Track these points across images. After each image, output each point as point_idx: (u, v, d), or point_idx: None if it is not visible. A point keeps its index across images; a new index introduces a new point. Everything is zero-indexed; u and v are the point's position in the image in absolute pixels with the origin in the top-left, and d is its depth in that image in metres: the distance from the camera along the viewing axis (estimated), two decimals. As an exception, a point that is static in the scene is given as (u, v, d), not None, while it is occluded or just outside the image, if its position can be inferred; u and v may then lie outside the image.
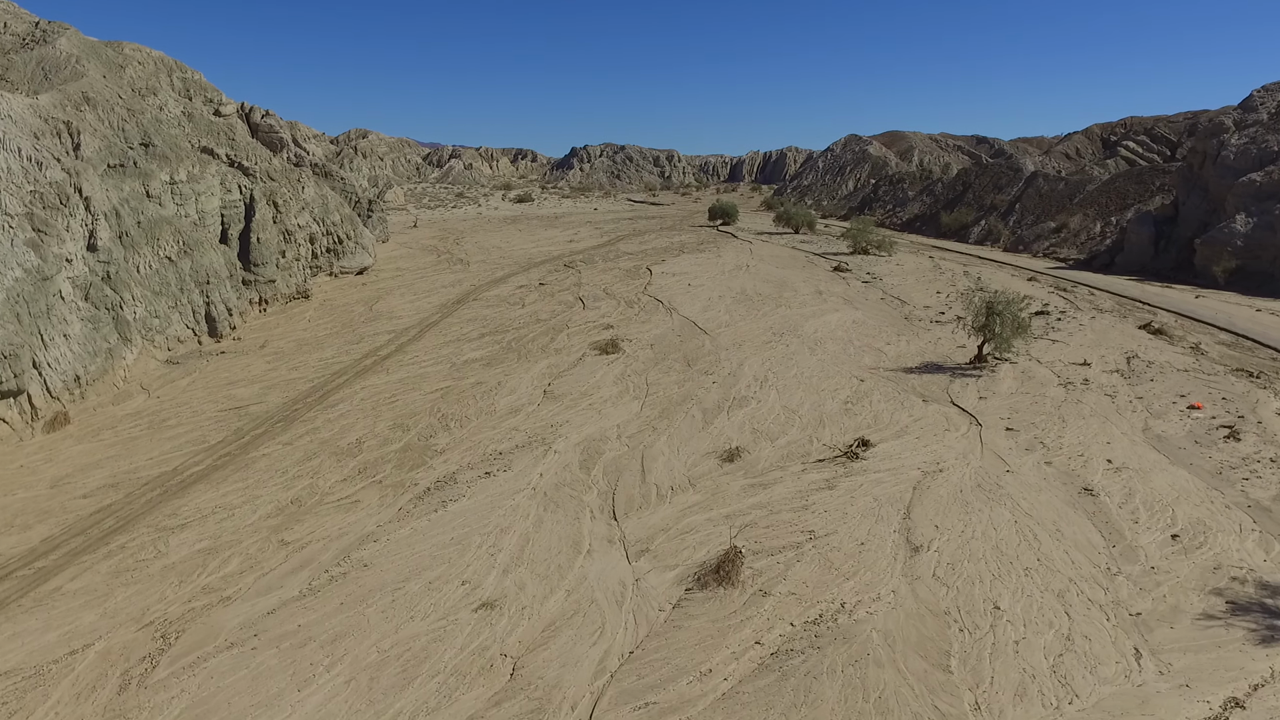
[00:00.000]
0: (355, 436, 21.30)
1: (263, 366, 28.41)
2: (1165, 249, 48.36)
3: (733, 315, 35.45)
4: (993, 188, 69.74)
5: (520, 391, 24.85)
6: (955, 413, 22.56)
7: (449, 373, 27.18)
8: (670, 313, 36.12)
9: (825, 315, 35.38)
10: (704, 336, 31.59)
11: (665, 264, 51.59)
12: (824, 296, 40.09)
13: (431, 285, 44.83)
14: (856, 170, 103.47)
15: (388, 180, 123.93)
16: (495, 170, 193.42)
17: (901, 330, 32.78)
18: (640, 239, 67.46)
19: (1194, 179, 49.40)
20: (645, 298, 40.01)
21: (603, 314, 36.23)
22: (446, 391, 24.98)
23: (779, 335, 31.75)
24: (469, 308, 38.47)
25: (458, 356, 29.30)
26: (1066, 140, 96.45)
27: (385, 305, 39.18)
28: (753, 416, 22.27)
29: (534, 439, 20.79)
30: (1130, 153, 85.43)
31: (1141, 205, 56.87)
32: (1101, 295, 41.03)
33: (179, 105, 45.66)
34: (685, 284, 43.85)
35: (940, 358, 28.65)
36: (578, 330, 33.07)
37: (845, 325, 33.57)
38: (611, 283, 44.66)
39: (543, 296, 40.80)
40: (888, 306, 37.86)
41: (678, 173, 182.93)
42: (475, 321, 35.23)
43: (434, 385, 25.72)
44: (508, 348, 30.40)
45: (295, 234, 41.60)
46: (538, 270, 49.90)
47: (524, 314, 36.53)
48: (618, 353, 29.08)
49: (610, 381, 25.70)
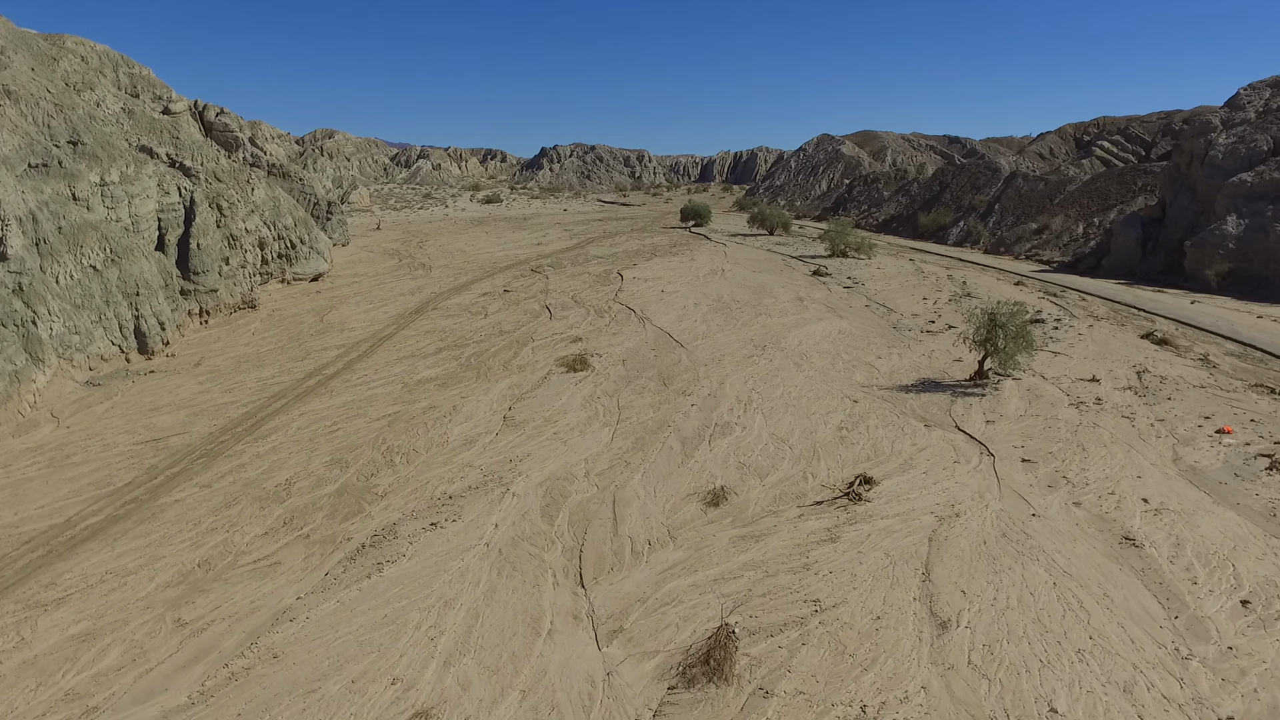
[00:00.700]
0: (286, 476, 18.39)
1: (193, 388, 25.36)
2: (1153, 251, 46.34)
3: (710, 325, 32.81)
4: (970, 188, 67.68)
5: (478, 417, 22.03)
6: (962, 439, 20.05)
7: (400, 395, 24.29)
8: (643, 323, 33.42)
9: (809, 325, 32.83)
10: (680, 350, 28.93)
11: (637, 268, 48.88)
12: (805, 304, 37.56)
13: (390, 293, 41.82)
14: (830, 170, 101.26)
15: (353, 181, 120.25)
16: (464, 171, 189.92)
17: (891, 342, 30.29)
18: (611, 241, 64.71)
19: (1181, 179, 47.43)
20: (616, 306, 37.28)
21: (571, 325, 33.46)
22: (395, 418, 22.11)
23: (761, 348, 29.15)
24: (428, 318, 35.54)
25: (411, 375, 26.42)
26: (1039, 140, 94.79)
27: (338, 315, 36.15)
28: (738, 447, 19.62)
29: (490, 477, 18.00)
30: (1105, 153, 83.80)
31: (1124, 206, 54.94)
32: (1094, 300, 38.83)
33: (119, 101, 42.29)
34: (659, 290, 41.16)
35: (937, 373, 26.18)
36: (544, 343, 30.28)
37: (831, 336, 31.04)
38: (581, 289, 41.88)
39: (507, 305, 37.95)
40: (874, 315, 35.38)
41: (648, 173, 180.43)
42: (433, 334, 32.32)
43: (382, 410, 22.84)
44: (466, 364, 27.55)
45: (242, 239, 38.44)
46: (503, 276, 47.00)
47: (486, 325, 33.67)
48: (587, 370, 26.33)
49: (578, 404, 22.95)
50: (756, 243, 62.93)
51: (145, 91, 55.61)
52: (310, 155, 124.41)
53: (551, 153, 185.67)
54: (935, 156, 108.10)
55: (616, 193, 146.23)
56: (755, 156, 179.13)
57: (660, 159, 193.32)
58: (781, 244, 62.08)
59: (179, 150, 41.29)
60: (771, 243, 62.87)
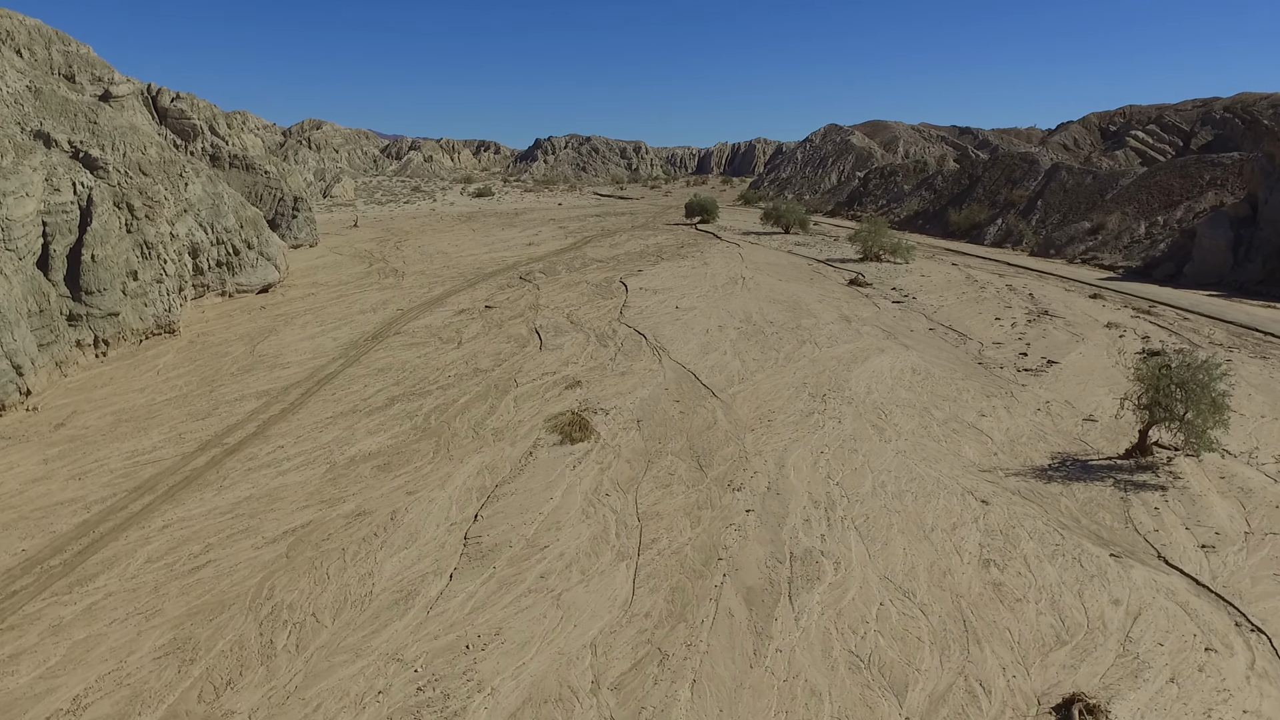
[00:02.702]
0: (75, 691, 10.43)
1: (29, 472, 17.36)
2: (1248, 257, 38.49)
3: (745, 360, 24.92)
4: (1005, 182, 59.72)
5: (425, 536, 14.11)
6: (1186, 589, 12.25)
7: (320, 487, 16.36)
8: (658, 355, 25.51)
9: (871, 359, 24.96)
10: (712, 401, 21.03)
11: (642, 275, 40.91)
12: (853, 325, 29.68)
13: (347, 309, 33.78)
14: (840, 162, 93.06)
15: (337, 174, 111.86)
16: (457, 163, 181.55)
17: (987, 387, 22.44)
18: (610, 240, 56.68)
19: (1277, 173, 39.56)
20: (622, 328, 29.33)
21: (566, 358, 25.52)
22: (301, 537, 14.19)
23: (819, 398, 21.28)
24: (387, 347, 27.55)
25: (344, 447, 18.47)
26: (1062, 130, 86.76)
27: (276, 343, 28.13)
28: (837, 611, 11.74)
29: (427, 698, 10.12)
30: (1140, 144, 75.82)
31: (1192, 203, 47.09)
32: (1199, 320, 31.01)
33: (22, 79, 34.09)
34: (671, 305, 33.22)
35: (1071, 441, 18.37)
36: (530, 390, 22.33)
37: (905, 377, 23.19)
38: (577, 304, 33.91)
39: (487, 328, 29.95)
40: (945, 343, 27.51)
41: (645, 165, 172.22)
42: (388, 373, 24.34)
43: (286, 519, 14.90)
44: (424, 428, 19.60)
45: (162, 247, 30.31)
46: (486, 286, 38.98)
47: (458, 359, 25.69)
48: (588, 438, 18.41)
49: (578, 509, 15.04)
50: (773, 243, 54.94)
51: (83, 72, 47.26)
52: (292, 147, 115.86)
53: (546, 144, 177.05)
54: (947, 148, 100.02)
55: (613, 185, 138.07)
56: (754, 148, 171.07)
57: (657, 150, 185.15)
58: (801, 244, 54.09)
59: (99, 137, 33.21)
60: (790, 243, 54.88)
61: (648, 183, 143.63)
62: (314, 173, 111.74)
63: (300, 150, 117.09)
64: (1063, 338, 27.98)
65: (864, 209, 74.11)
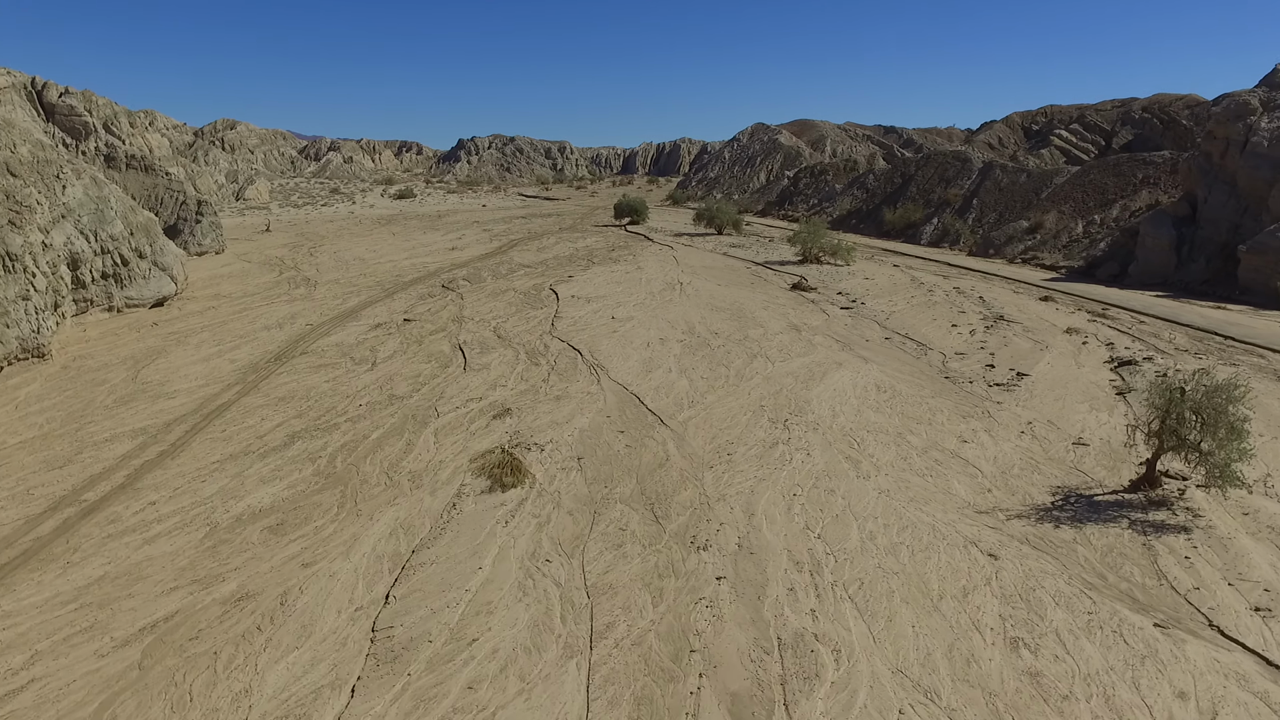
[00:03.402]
0: None
1: None
2: (1190, 257, 37.49)
3: (692, 378, 22.35)
4: (939, 180, 58.52)
5: (321, 632, 11.14)
6: (1255, 669, 10.04)
7: (195, 560, 13.20)
8: (596, 375, 22.77)
9: (829, 374, 22.63)
10: (662, 431, 18.39)
11: (574, 281, 38.11)
12: (804, 334, 27.40)
13: (250, 325, 30.22)
14: (768, 161, 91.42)
15: (250, 176, 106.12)
16: (378, 164, 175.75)
17: (959, 404, 20.28)
18: (538, 244, 53.67)
19: (1215, 171, 38.69)
20: (555, 343, 26.52)
21: (494, 380, 22.59)
22: (160, 640, 11.07)
23: (781, 422, 18.82)
24: (291, 370, 24.23)
25: (230, 502, 15.28)
26: (987, 130, 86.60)
27: (164, 367, 24.56)
28: (849, 723, 9.24)
29: None
30: (1064, 143, 75.79)
31: (1128, 202, 46.30)
32: (1156, 324, 29.60)
33: None
34: (607, 315, 30.51)
35: (1066, 470, 16.25)
36: (453, 421, 19.37)
37: (869, 394, 20.90)
38: (505, 315, 30.95)
39: (406, 345, 26.80)
40: (905, 354, 25.38)
41: (570, 165, 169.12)
42: (290, 403, 21.08)
43: (142, 613, 11.74)
44: (328, 473, 16.51)
45: (31, 258, 26.40)
46: (406, 295, 35.69)
47: (371, 383, 22.54)
48: (521, 482, 15.58)
49: (513, 583, 12.21)
50: (707, 244, 52.62)
51: (-50, 64, 42.67)
52: (202, 148, 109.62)
53: (469, 144, 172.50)
54: (873, 146, 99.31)
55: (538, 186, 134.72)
56: (679, 148, 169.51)
57: (582, 151, 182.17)
58: (736, 246, 51.88)
59: (-46, 135, 29.04)
60: (724, 244, 52.63)
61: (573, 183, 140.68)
62: (225, 174, 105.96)
63: (211, 151, 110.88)
64: (1025, 346, 26.12)
65: (795, 208, 72.48)
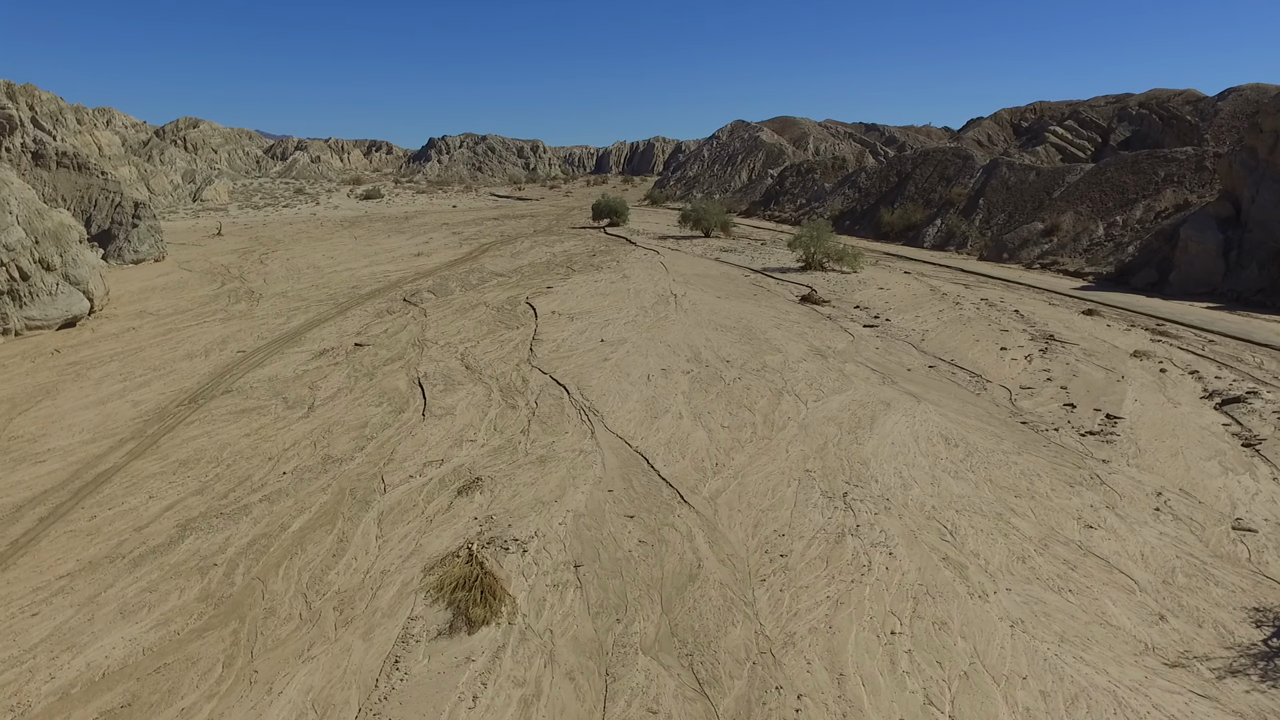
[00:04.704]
0: None
1: None
2: (1239, 263, 33.13)
3: (709, 426, 17.41)
4: (939, 179, 54.04)
5: None
6: None
7: (-35, 782, 8.14)
8: (589, 421, 17.78)
9: (879, 419, 17.76)
10: (684, 513, 13.44)
11: (553, 294, 33.06)
12: (831, 361, 22.57)
13: (171, 352, 24.89)
14: (750, 159, 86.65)
15: (208, 176, 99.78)
16: (346, 163, 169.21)
17: (1055, 463, 15.47)
18: (511, 248, 48.49)
19: (1263, 168, 34.36)
20: (535, 375, 21.49)
21: (459, 431, 17.50)
22: None
23: (838, 496, 13.93)
24: (205, 418, 18.98)
25: (62, 659, 10.10)
26: (976, 126, 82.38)
27: (44, 414, 19.21)
28: None
29: None
30: (1060, 139, 71.76)
31: (1152, 202, 41.98)
32: (1225, 342, 25.09)
33: None
34: (595, 337, 25.53)
35: (1249, 576, 11.42)
36: (404, 499, 14.27)
37: (936, 449, 16.06)
38: (474, 337, 25.87)
39: (353, 379, 21.63)
40: (958, 387, 20.59)
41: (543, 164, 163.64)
42: (191, 469, 15.86)
43: None
44: (219, 598, 11.35)
45: (-117, 275, 20.94)
46: (361, 311, 30.45)
47: (303, 437, 17.37)
48: (495, 616, 10.55)
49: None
50: (695, 248, 47.73)
51: None
52: (157, 146, 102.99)
53: (440, 144, 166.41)
54: (855, 144, 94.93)
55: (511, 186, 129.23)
56: (653, 147, 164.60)
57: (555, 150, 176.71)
58: (728, 250, 47.02)
59: None
60: (714, 248, 47.75)
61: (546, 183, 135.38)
62: (182, 175, 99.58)
63: (167, 150, 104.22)
64: (1097, 376, 21.44)
65: (782, 208, 67.84)
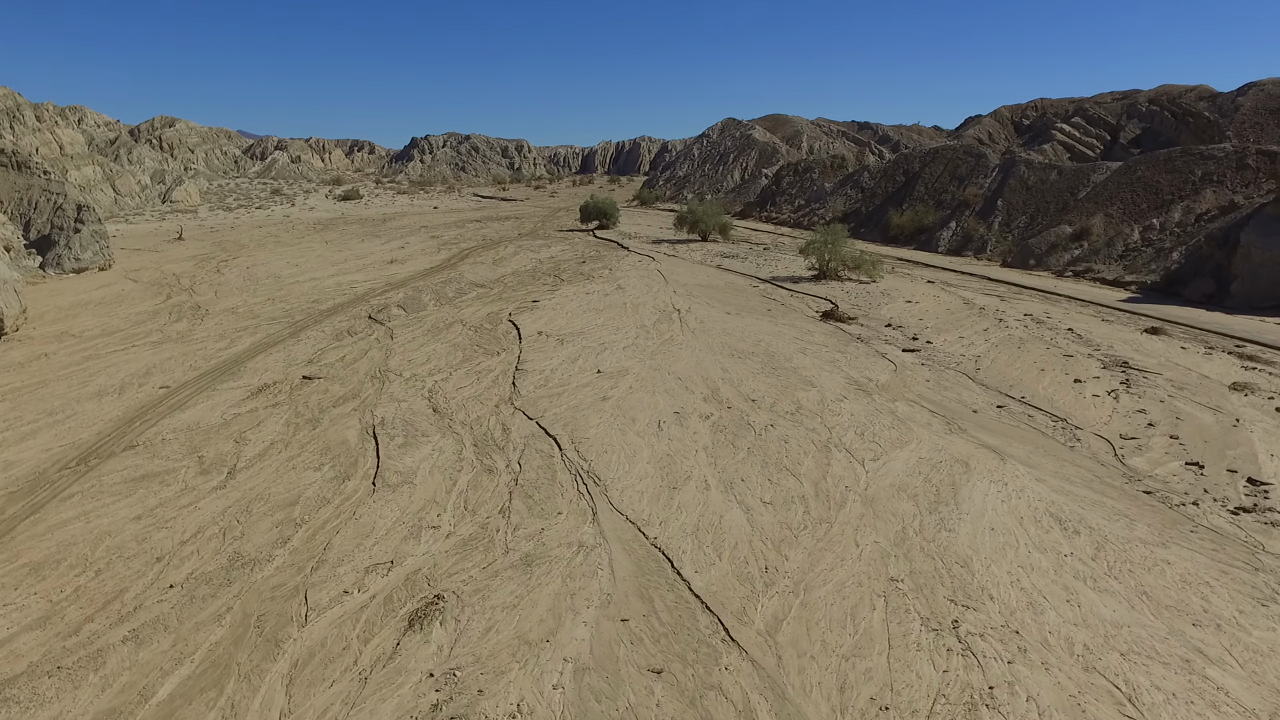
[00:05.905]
0: None
1: None
2: (1310, 272, 29.17)
3: (745, 499, 13.11)
4: (951, 179, 49.98)
5: None
6: None
7: None
8: (588, 494, 13.44)
9: (964, 490, 13.52)
10: (737, 667, 9.11)
11: (540, 309, 28.70)
12: (877, 399, 18.33)
13: (79, 388, 20.34)
14: (742, 159, 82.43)
15: (179, 176, 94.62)
16: (328, 163, 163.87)
17: (1223, 562, 11.25)
18: (494, 254, 44.05)
19: (1330, 164, 30.38)
20: (518, 421, 17.13)
21: (417, 513, 13.10)
22: None
23: (948, 628, 9.65)
24: (89, 489, 14.48)
25: None
26: (975, 124, 78.53)
27: (-115, 480, 14.69)
28: None
29: None
30: (1067, 137, 67.99)
31: (1190, 203, 38.03)
32: (1334, 371, 21.05)
33: None
34: (590, 367, 21.18)
35: None
36: (326, 643, 9.85)
37: (1054, 537, 11.77)
38: (447, 366, 21.47)
39: (292, 429, 17.19)
40: (1045, 438, 16.36)
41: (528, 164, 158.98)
42: (40, 582, 11.39)
43: None
44: None
45: None
46: (318, 331, 25.98)
47: (210, 522, 12.93)
48: None
49: None
50: (693, 254, 43.45)
51: None
52: (126, 145, 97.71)
53: (423, 143, 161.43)
54: (849, 143, 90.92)
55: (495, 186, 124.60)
56: (639, 146, 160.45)
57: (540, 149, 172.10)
58: (729, 256, 42.76)
59: None
60: (714, 254, 43.49)
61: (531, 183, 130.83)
62: (151, 175, 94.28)
63: (136, 149, 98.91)
64: (1206, 420, 17.29)
65: (779, 209, 63.69)
